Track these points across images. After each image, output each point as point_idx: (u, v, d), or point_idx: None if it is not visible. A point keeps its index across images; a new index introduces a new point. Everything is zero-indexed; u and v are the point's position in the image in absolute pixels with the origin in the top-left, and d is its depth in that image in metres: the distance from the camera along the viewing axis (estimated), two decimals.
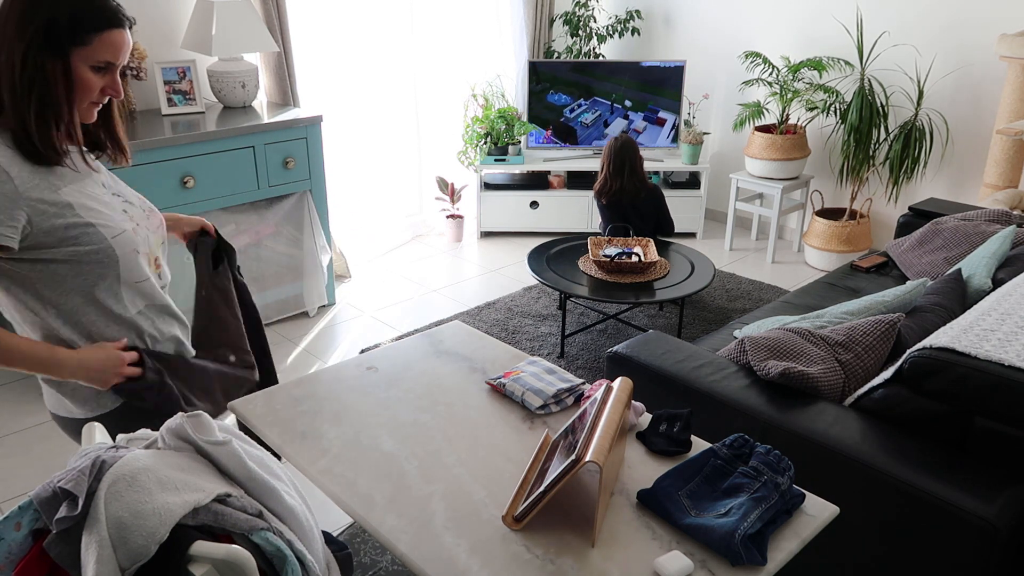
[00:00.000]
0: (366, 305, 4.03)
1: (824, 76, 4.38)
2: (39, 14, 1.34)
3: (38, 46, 1.35)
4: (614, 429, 1.30)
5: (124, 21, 1.43)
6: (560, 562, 1.24)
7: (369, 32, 4.41)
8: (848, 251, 4.34)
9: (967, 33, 3.96)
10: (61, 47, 1.36)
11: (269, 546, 1.15)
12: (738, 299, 4.04)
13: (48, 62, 1.36)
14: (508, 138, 4.82)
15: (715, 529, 1.26)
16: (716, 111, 5.06)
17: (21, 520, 1.07)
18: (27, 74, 1.35)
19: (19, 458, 2.74)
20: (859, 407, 1.88)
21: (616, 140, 3.69)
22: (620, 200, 3.69)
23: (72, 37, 1.37)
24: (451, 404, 1.68)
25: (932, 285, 2.54)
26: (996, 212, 3.11)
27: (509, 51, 5.00)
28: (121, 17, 1.43)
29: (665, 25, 5.14)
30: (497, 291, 4.19)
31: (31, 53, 1.34)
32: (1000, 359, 1.65)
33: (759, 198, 4.83)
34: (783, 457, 1.39)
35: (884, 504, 1.66)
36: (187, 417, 1.22)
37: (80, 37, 1.38)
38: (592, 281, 3.31)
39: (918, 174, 4.24)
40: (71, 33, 1.37)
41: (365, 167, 4.62)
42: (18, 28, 1.34)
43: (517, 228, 4.93)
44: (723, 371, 2.03)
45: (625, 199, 3.68)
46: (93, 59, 1.40)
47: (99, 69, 1.42)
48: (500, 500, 1.38)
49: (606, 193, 3.70)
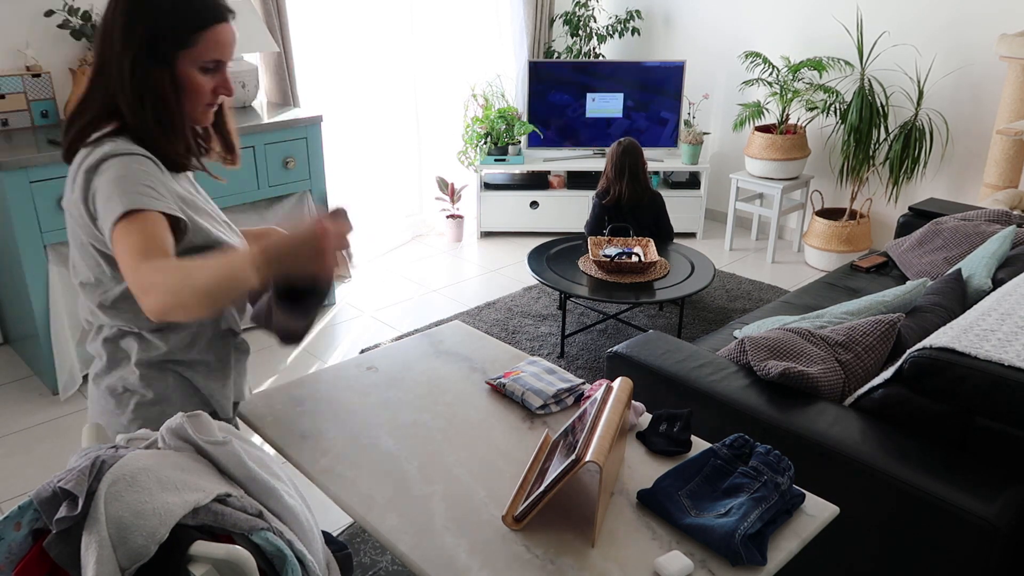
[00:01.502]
0: (366, 305, 4.03)
1: (824, 76, 4.38)
2: (142, 20, 1.31)
3: (143, 56, 1.32)
4: (614, 429, 1.30)
5: (228, 14, 1.37)
6: (560, 562, 1.24)
7: (369, 32, 4.42)
8: (848, 251, 4.34)
9: (967, 33, 3.96)
10: (165, 54, 1.32)
11: (269, 546, 1.15)
12: (738, 299, 4.04)
13: (154, 71, 1.33)
14: (508, 138, 4.82)
15: (715, 529, 1.26)
16: (716, 111, 5.06)
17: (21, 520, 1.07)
18: (136, 85, 1.33)
19: (19, 458, 2.74)
20: (859, 407, 1.88)
21: (619, 144, 3.68)
22: (620, 205, 3.68)
23: (176, 41, 1.32)
24: (451, 404, 1.68)
25: (932, 285, 2.54)
26: (996, 212, 3.11)
27: (509, 51, 5.00)
28: (224, 10, 1.37)
29: (665, 25, 5.14)
30: (497, 291, 4.19)
31: (138, 64, 1.32)
32: (1000, 359, 1.65)
33: (759, 198, 4.83)
34: (783, 457, 1.39)
35: (884, 504, 1.66)
36: (187, 417, 1.22)
37: (184, 39, 1.33)
38: (592, 281, 3.31)
39: (918, 174, 4.24)
40: (175, 36, 1.32)
41: (365, 167, 4.62)
42: (124, 37, 1.32)
43: (517, 228, 4.93)
44: (723, 371, 2.03)
45: (625, 204, 3.68)
46: (200, 60, 1.35)
47: (208, 69, 1.37)
48: (500, 500, 1.38)
49: (607, 197, 3.69)
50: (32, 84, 3.25)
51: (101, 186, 1.30)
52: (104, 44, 1.34)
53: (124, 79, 1.32)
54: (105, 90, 1.35)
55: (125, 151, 1.32)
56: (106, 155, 1.31)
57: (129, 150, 1.32)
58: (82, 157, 1.35)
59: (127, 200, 1.27)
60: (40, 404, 3.06)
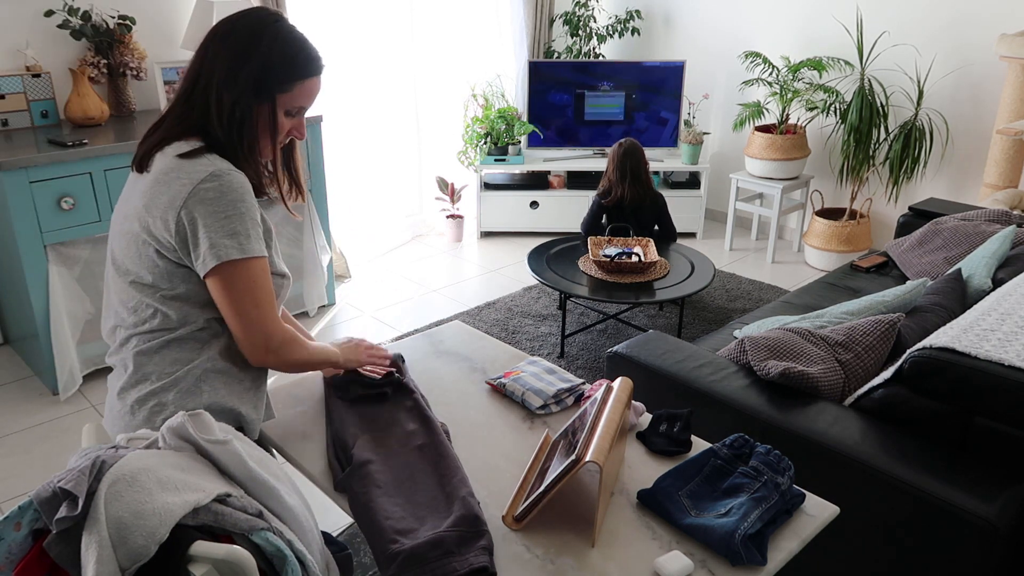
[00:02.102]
0: (366, 305, 4.03)
1: (824, 76, 4.38)
2: (252, 61, 1.38)
3: (249, 94, 1.39)
4: (614, 429, 1.30)
5: (322, 68, 1.47)
6: (560, 562, 1.24)
7: (369, 32, 4.42)
8: (848, 251, 4.34)
9: (967, 33, 3.96)
10: (270, 93, 1.41)
11: (269, 546, 1.15)
12: (738, 299, 4.04)
13: (255, 107, 1.40)
14: (508, 138, 4.82)
15: (715, 529, 1.26)
16: (716, 111, 5.06)
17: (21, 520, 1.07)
18: (237, 117, 1.39)
19: (19, 458, 2.74)
20: (859, 407, 1.88)
21: (620, 146, 3.67)
22: (622, 206, 3.68)
23: (279, 85, 1.41)
24: (451, 404, 1.68)
25: (932, 285, 2.54)
26: (996, 212, 3.11)
27: (509, 51, 5.00)
28: (321, 64, 1.47)
29: (665, 25, 5.14)
30: (497, 291, 4.19)
31: (243, 100, 1.39)
32: (1000, 359, 1.65)
33: (759, 198, 4.83)
34: (783, 457, 1.39)
35: (884, 504, 1.66)
36: (188, 416, 1.22)
37: (285, 85, 1.41)
38: (592, 281, 3.31)
39: (918, 174, 4.24)
40: (279, 82, 1.41)
41: (365, 167, 4.62)
42: (229, 72, 1.38)
43: (517, 228, 4.93)
44: (723, 371, 2.03)
45: (627, 206, 3.68)
46: (291, 104, 1.44)
47: (291, 114, 1.46)
48: (500, 500, 1.38)
49: (609, 198, 3.69)
50: (32, 84, 3.25)
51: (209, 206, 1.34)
52: (201, 78, 1.40)
53: (223, 110, 1.39)
54: (191, 114, 1.41)
55: (229, 169, 1.38)
56: (215, 173, 1.36)
57: (232, 169, 1.38)
58: (175, 164, 1.37)
59: (237, 244, 1.36)
60: (40, 404, 3.06)
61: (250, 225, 1.38)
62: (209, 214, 1.34)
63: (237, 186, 1.37)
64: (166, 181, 1.37)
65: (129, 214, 1.43)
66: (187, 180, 1.35)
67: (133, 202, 1.42)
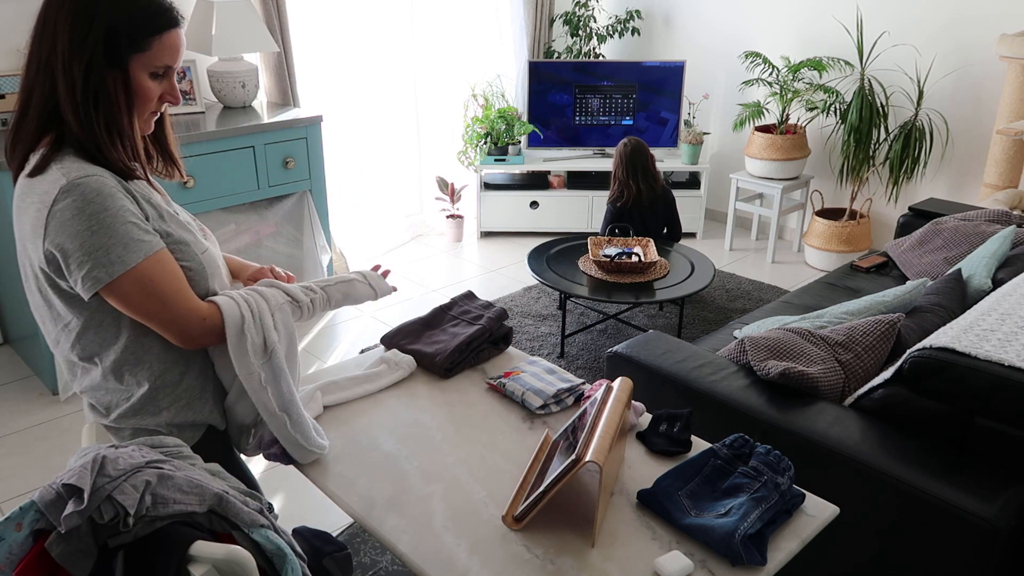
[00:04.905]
0: (365, 305, 4.03)
1: (824, 76, 4.38)
2: (96, 24, 1.24)
3: (99, 59, 1.25)
4: (614, 429, 1.30)
5: (180, 19, 1.33)
6: (560, 562, 1.24)
7: (369, 32, 4.42)
8: (848, 251, 4.34)
9: (967, 33, 3.96)
10: (120, 57, 1.27)
11: (270, 544, 1.15)
12: (738, 299, 4.04)
13: (109, 75, 1.27)
14: (508, 138, 4.82)
15: (715, 529, 1.26)
16: (716, 111, 5.06)
17: (22, 520, 1.07)
18: (90, 90, 1.26)
19: (19, 458, 2.74)
20: (859, 407, 1.88)
21: (626, 145, 3.67)
22: (640, 202, 3.67)
23: (131, 44, 1.27)
24: (451, 404, 1.68)
25: (932, 285, 2.54)
26: (996, 212, 3.11)
27: (509, 51, 5.00)
28: (177, 15, 1.33)
29: (665, 25, 5.14)
30: (497, 291, 4.19)
31: (93, 68, 1.25)
32: (1000, 359, 1.65)
33: (759, 198, 4.83)
34: (783, 457, 1.39)
35: (884, 504, 1.66)
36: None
37: (139, 43, 1.28)
38: (592, 281, 3.31)
39: (918, 174, 4.24)
40: (130, 40, 1.27)
41: (365, 167, 4.62)
42: (72, 42, 1.25)
43: (517, 228, 4.93)
44: (723, 371, 2.03)
45: (643, 203, 3.67)
46: (152, 65, 1.30)
47: (157, 75, 1.33)
48: (500, 500, 1.38)
49: (623, 201, 3.68)
50: None
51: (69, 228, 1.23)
52: (45, 47, 1.28)
53: (75, 83, 1.25)
54: (43, 95, 1.29)
55: (81, 175, 1.24)
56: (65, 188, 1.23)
57: (85, 172, 1.25)
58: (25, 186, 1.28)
59: (110, 261, 1.24)
60: (40, 404, 3.06)
61: (122, 230, 1.25)
62: (72, 238, 1.23)
63: (93, 194, 1.23)
64: (23, 208, 1.28)
65: (20, 251, 1.35)
66: (40, 203, 1.24)
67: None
